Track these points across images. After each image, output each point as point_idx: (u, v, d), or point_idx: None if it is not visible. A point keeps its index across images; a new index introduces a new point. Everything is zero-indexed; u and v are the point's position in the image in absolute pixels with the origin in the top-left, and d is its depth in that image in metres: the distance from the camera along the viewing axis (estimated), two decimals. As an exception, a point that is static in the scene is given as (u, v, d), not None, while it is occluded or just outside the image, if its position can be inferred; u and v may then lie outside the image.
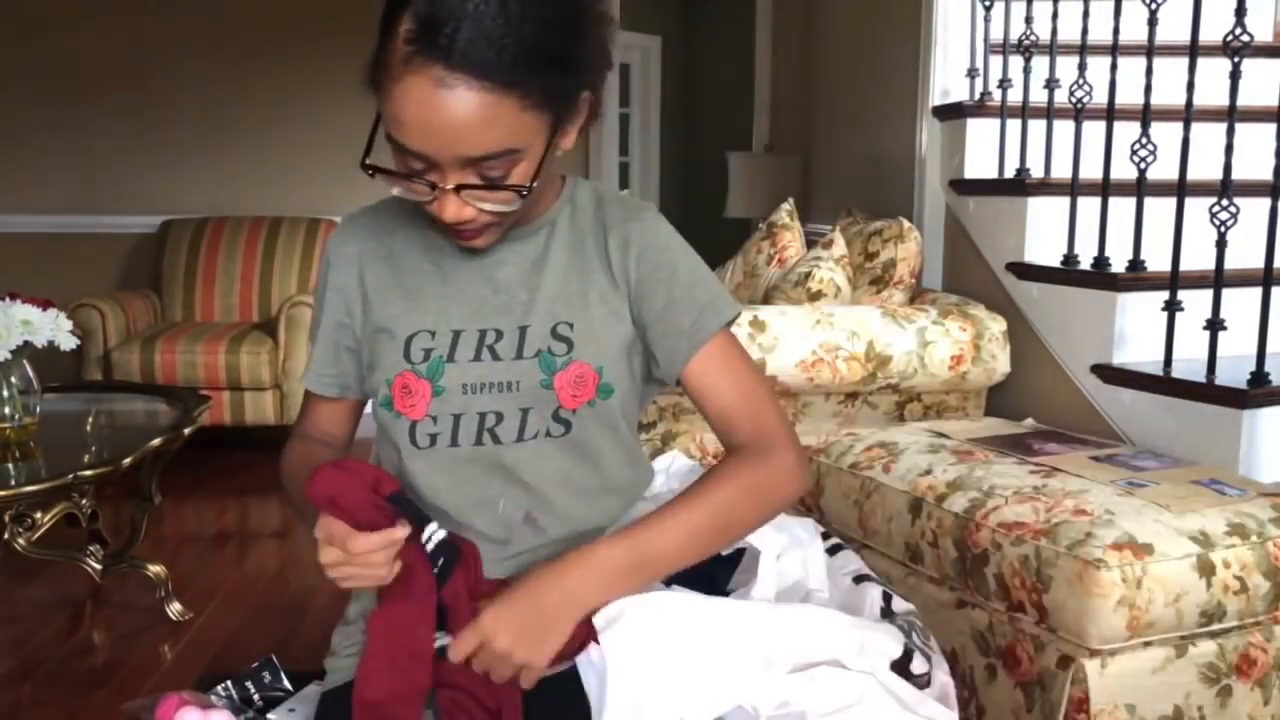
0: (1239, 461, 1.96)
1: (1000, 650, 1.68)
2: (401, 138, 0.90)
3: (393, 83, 0.89)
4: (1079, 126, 2.42)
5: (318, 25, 4.64)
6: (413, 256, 1.08)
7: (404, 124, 0.89)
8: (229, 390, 3.99)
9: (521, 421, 1.03)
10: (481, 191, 0.93)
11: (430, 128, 0.88)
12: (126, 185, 4.67)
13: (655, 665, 0.91)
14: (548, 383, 1.02)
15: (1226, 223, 2.02)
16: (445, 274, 1.06)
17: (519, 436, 1.03)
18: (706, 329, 1.05)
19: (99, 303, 4.01)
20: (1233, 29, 1.99)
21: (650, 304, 1.06)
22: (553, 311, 1.04)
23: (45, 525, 2.60)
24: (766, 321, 2.37)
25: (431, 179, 0.92)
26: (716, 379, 1.05)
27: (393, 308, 1.06)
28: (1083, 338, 2.37)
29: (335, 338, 1.11)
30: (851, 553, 1.21)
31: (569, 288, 1.05)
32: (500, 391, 1.02)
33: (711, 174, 5.15)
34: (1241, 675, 1.61)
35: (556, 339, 1.03)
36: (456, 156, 0.90)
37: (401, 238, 1.09)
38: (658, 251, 1.07)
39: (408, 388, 1.03)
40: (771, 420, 1.04)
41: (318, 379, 1.13)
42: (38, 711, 2.18)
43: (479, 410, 1.03)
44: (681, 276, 1.06)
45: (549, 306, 1.04)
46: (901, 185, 3.17)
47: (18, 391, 2.46)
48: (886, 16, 3.35)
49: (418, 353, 1.03)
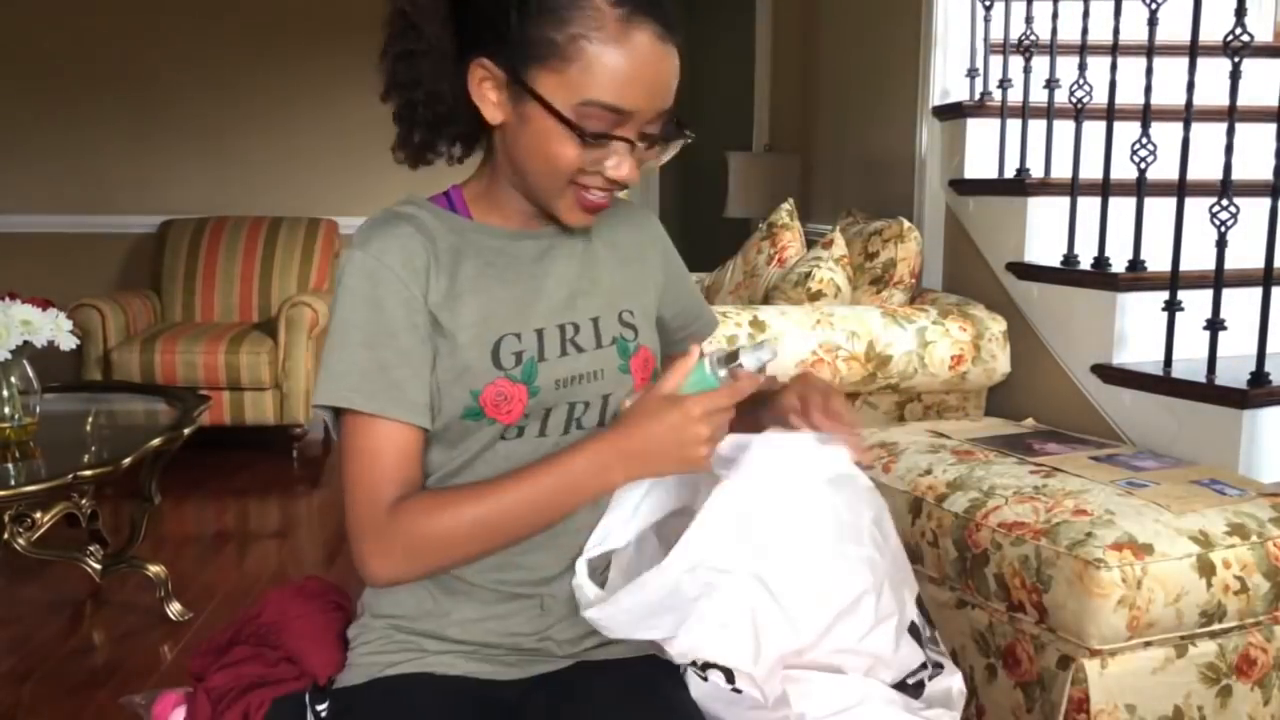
0: (1239, 461, 1.96)
1: (1000, 650, 1.68)
2: (621, 97, 0.94)
3: (614, 44, 0.93)
4: (1079, 126, 2.42)
5: (318, 26, 4.65)
6: (466, 262, 1.04)
7: (630, 80, 0.94)
8: (229, 390, 3.99)
9: (603, 407, 1.07)
10: (661, 144, 1.00)
11: (656, 81, 0.95)
12: (126, 185, 4.67)
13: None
14: (625, 367, 1.08)
15: (1226, 223, 2.02)
16: (502, 275, 1.05)
17: (600, 421, 1.07)
18: (691, 339, 1.19)
19: (99, 303, 4.01)
20: (1233, 29, 1.99)
21: (668, 303, 1.18)
22: (613, 301, 1.10)
23: (45, 525, 2.60)
24: (766, 321, 2.37)
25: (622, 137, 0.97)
26: None
27: (464, 317, 1.01)
28: (1083, 338, 2.37)
29: (422, 356, 1.00)
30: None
31: (619, 277, 1.12)
32: (588, 382, 1.06)
33: (711, 174, 5.15)
34: (1241, 675, 1.61)
35: (624, 326, 1.10)
36: (663, 109, 0.97)
37: (445, 245, 1.03)
38: (672, 255, 1.21)
39: (503, 395, 1.01)
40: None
41: (416, 409, 0.99)
42: (38, 711, 2.18)
43: (569, 401, 1.05)
44: (685, 284, 1.22)
45: (609, 297, 1.10)
46: (901, 185, 3.17)
47: (18, 391, 2.46)
48: (886, 16, 3.34)
49: (508, 358, 1.01)
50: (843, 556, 0.99)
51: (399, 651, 1.06)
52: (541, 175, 0.99)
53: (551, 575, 1.06)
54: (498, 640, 1.06)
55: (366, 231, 1.01)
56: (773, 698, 0.96)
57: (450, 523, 0.97)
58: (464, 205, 1.08)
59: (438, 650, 1.06)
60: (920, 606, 1.10)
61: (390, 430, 0.98)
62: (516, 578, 1.05)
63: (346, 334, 0.98)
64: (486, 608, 1.06)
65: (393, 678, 1.04)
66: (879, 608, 1.00)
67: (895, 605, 1.02)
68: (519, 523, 0.99)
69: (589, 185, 0.99)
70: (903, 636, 1.02)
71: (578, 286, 1.08)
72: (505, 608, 1.06)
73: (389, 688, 1.04)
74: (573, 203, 1.01)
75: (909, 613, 1.05)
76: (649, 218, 1.21)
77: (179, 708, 1.12)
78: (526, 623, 1.06)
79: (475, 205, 1.08)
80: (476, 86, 0.99)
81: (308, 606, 1.14)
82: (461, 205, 1.08)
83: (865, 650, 0.99)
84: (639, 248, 1.16)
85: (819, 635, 0.97)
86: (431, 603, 1.06)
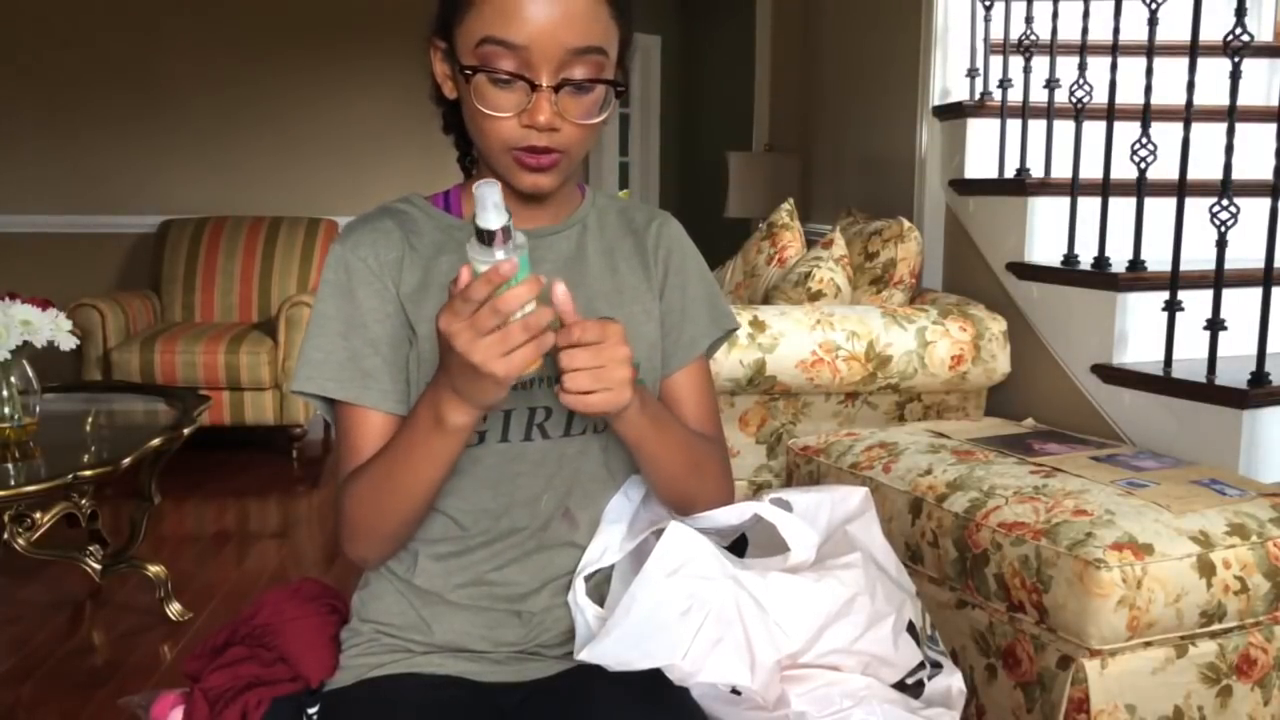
0: (1239, 461, 1.96)
1: (1000, 650, 1.68)
2: (507, 31, 0.92)
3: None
4: (1079, 126, 2.41)
5: (318, 26, 4.65)
6: (444, 258, 1.04)
7: (513, 14, 0.92)
8: (229, 390, 3.99)
9: (569, 415, 1.04)
10: (575, 94, 0.95)
11: (546, 13, 0.92)
12: (126, 185, 4.67)
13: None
14: None
15: (1226, 223, 2.02)
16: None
17: (566, 431, 1.05)
18: (700, 345, 1.13)
19: (99, 303, 4.01)
20: (1233, 29, 1.98)
21: (664, 306, 1.12)
22: (593, 308, 1.06)
23: (45, 525, 2.60)
24: (766, 321, 2.37)
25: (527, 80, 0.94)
26: (691, 394, 1.14)
27: (428, 310, 1.02)
28: (1083, 338, 2.37)
29: (394, 345, 1.03)
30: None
31: (606, 285, 1.09)
32: (549, 386, 1.02)
33: (711, 174, 5.15)
34: (1242, 675, 1.61)
35: None
36: (562, 46, 0.93)
37: (428, 241, 1.05)
38: (681, 257, 1.14)
39: None
40: (723, 446, 1.16)
41: (387, 396, 1.02)
42: (38, 711, 2.18)
43: (529, 405, 1.03)
44: (693, 288, 1.14)
45: (590, 303, 1.06)
46: (901, 185, 3.17)
47: (17, 391, 2.46)
48: (887, 16, 3.34)
49: None
50: (823, 569, 1.00)
51: (386, 653, 1.06)
52: (487, 150, 0.99)
53: (527, 591, 1.06)
54: (486, 647, 1.06)
55: (349, 226, 1.05)
56: (773, 699, 0.96)
57: (356, 488, 1.00)
58: (458, 203, 1.09)
59: (425, 652, 1.06)
60: (920, 606, 1.11)
61: (363, 417, 1.02)
62: (493, 593, 1.06)
63: (323, 324, 1.02)
64: (470, 618, 1.06)
65: (380, 678, 1.04)
66: (874, 608, 1.00)
67: (891, 605, 1.02)
68: (407, 474, 0.96)
69: (522, 146, 0.97)
70: (901, 636, 1.02)
71: None
72: (487, 618, 1.06)
73: (376, 688, 1.04)
74: (515, 166, 0.98)
75: (907, 612, 1.04)
76: (664, 225, 1.15)
77: (177, 708, 1.11)
78: (511, 632, 1.06)
79: (466, 203, 1.08)
80: (437, 68, 1.02)
81: (303, 609, 1.14)
82: (455, 203, 1.09)
83: (862, 650, 0.99)
84: (640, 256, 1.12)
85: (811, 639, 0.97)
86: (414, 615, 1.06)
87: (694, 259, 1.16)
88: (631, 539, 1.06)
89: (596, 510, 1.09)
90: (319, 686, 1.08)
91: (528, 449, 1.04)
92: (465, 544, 1.06)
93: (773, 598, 0.96)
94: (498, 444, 1.03)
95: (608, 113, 0.99)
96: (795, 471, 2.23)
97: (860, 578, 1.00)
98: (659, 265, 1.13)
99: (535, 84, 0.94)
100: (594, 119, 0.98)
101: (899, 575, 1.10)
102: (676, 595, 0.94)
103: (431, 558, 1.06)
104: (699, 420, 1.13)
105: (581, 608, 1.02)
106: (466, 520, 1.05)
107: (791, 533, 1.02)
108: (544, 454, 1.05)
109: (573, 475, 1.06)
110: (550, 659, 1.08)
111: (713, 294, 1.16)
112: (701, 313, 1.14)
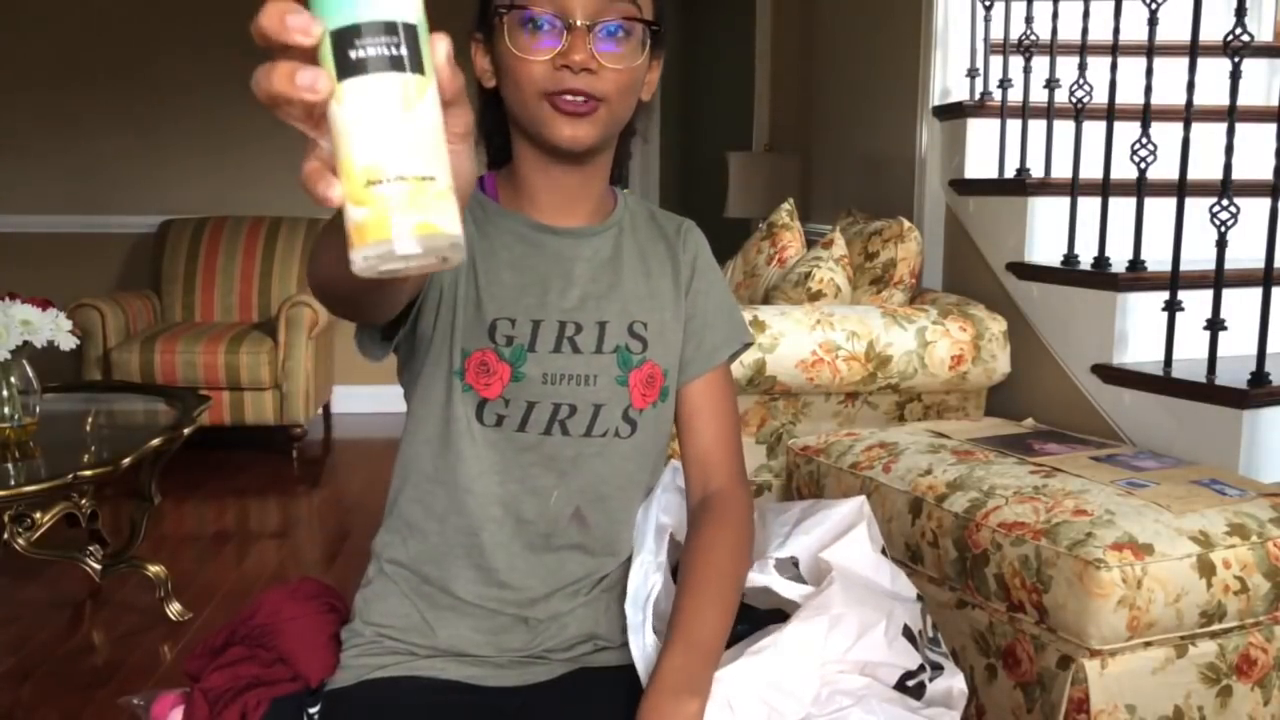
0: (1239, 461, 1.96)
1: (1000, 650, 1.68)
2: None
3: None
4: (1079, 126, 2.41)
5: (318, 25, 4.64)
6: (484, 241, 1.05)
7: None
8: (229, 390, 3.99)
9: (593, 416, 1.04)
10: (611, 39, 0.96)
11: None
12: (126, 185, 4.67)
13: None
14: (623, 379, 1.05)
15: (1227, 223, 2.02)
16: (513, 261, 1.05)
17: (588, 431, 1.05)
18: (720, 355, 1.13)
19: (99, 303, 4.01)
20: (1233, 29, 1.99)
21: (687, 311, 1.12)
22: (628, 310, 1.07)
23: (45, 525, 2.60)
24: (766, 321, 2.37)
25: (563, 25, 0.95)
26: (708, 405, 1.13)
27: (482, 285, 1.03)
28: (1083, 338, 2.37)
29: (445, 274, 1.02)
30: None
31: (640, 289, 1.09)
32: (577, 384, 1.03)
33: (711, 174, 5.15)
34: (1241, 675, 1.61)
35: (633, 337, 1.06)
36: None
37: (495, 216, 1.07)
38: (706, 267, 1.15)
39: (486, 365, 1.02)
40: (740, 464, 1.15)
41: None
42: (38, 711, 2.18)
43: (554, 401, 1.03)
44: (714, 298, 1.15)
45: (625, 305, 1.07)
46: (901, 185, 3.17)
47: (17, 391, 2.46)
48: (886, 16, 3.34)
49: (501, 337, 1.02)
50: (807, 609, 1.01)
51: (387, 655, 1.06)
52: (522, 103, 0.99)
53: (538, 596, 1.06)
54: (489, 652, 1.06)
55: None
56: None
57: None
58: (494, 189, 1.10)
59: (428, 655, 1.06)
60: (921, 610, 1.11)
61: None
62: (502, 597, 1.05)
63: None
64: (475, 623, 1.06)
65: (381, 680, 1.04)
66: (861, 619, 1.00)
67: (880, 612, 1.02)
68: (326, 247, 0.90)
69: (558, 90, 0.97)
70: (896, 640, 1.02)
71: (591, 289, 1.06)
72: (493, 623, 1.06)
73: (376, 688, 1.03)
74: (553, 114, 0.98)
75: (900, 616, 1.04)
76: (690, 232, 1.17)
77: (177, 708, 1.11)
78: (516, 638, 1.06)
79: (502, 191, 1.09)
80: (477, 62, 1.03)
81: (302, 608, 1.14)
82: (491, 189, 1.10)
83: (856, 659, 0.99)
84: (671, 261, 1.13)
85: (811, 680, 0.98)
86: (418, 617, 1.06)
87: (715, 268, 1.18)
88: (659, 550, 1.06)
89: (610, 515, 1.08)
90: (319, 686, 1.08)
91: (544, 442, 1.04)
92: (471, 527, 1.05)
93: (786, 671, 0.97)
94: (514, 432, 1.03)
95: (643, 59, 0.99)
96: (795, 472, 2.23)
97: (838, 593, 1.01)
98: (687, 270, 1.13)
99: (570, 24, 0.95)
100: (631, 64, 0.98)
101: (894, 584, 1.09)
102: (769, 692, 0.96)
103: (440, 539, 1.06)
104: (715, 437, 1.12)
105: (643, 636, 1.02)
106: (473, 505, 1.04)
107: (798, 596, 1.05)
108: (559, 449, 1.04)
109: (589, 476, 1.06)
110: (554, 662, 1.07)
111: (731, 305, 1.17)
112: (722, 322, 1.15)
